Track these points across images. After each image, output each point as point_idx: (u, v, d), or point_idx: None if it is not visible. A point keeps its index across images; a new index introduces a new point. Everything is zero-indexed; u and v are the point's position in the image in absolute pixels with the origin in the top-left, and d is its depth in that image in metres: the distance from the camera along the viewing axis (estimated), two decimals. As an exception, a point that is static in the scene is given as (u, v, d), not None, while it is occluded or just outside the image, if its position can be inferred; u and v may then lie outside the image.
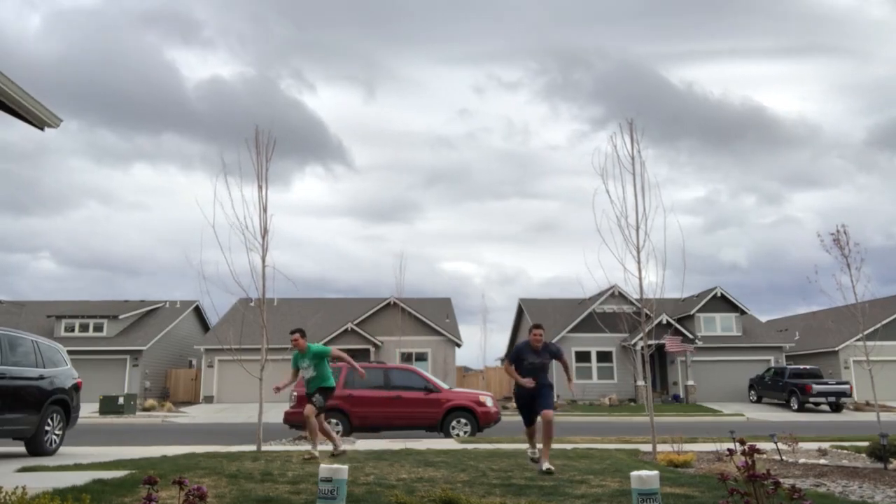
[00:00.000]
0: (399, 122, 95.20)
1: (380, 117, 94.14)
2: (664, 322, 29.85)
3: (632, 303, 27.16)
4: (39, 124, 6.75)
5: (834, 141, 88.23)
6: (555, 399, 7.58)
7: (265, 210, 10.08)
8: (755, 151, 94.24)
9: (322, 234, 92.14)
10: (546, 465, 6.99)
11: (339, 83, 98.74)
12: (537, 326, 7.75)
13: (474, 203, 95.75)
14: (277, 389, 8.75)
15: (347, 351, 34.74)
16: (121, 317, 33.33)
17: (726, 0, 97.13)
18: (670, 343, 29.03)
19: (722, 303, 33.22)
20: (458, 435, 13.86)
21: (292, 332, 8.79)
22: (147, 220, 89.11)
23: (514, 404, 7.65)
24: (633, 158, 9.22)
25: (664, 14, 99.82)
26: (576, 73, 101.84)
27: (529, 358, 7.58)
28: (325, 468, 4.16)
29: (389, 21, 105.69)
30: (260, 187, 10.16)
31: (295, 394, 14.40)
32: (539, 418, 7.32)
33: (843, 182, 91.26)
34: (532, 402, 7.52)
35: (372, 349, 31.37)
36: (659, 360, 32.51)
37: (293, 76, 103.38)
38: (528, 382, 7.35)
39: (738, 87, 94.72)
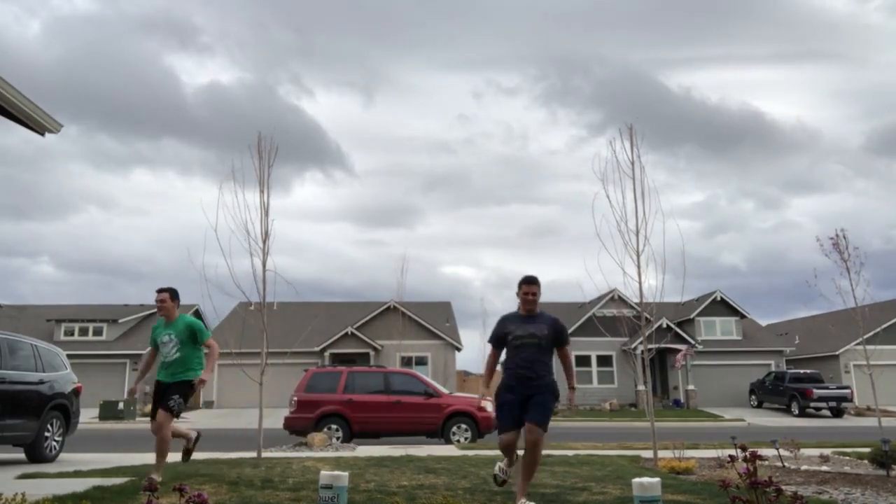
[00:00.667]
0: (398, 127, 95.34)
1: (379, 123, 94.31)
2: (664, 326, 29.84)
3: (632, 306, 27.14)
4: (40, 130, 6.75)
5: (832, 146, 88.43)
6: (554, 408, 4.97)
7: (267, 214, 10.09)
8: (754, 157, 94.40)
9: (322, 239, 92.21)
10: None
11: (338, 89, 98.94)
12: (530, 282, 5.07)
13: (474, 207, 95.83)
14: (132, 392, 6.89)
15: (348, 355, 34.23)
16: (120, 321, 33.28)
17: (724, 6, 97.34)
18: (676, 359, 29.10)
19: (722, 307, 33.22)
20: (458, 441, 13.82)
21: (159, 291, 6.18)
22: (146, 224, 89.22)
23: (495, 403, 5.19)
24: (632, 163, 9.23)
25: (662, 20, 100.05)
26: (574, 78, 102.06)
27: (517, 330, 4.95)
28: (325, 475, 4.15)
29: (388, 27, 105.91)
30: (262, 192, 10.16)
31: (296, 398, 14.35)
32: (523, 432, 4.87)
33: (842, 187, 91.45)
34: (518, 405, 4.90)
35: (372, 353, 31.33)
36: (659, 365, 32.47)
37: (292, 82, 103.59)
38: (488, 394, 5.24)
39: (737, 93, 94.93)
